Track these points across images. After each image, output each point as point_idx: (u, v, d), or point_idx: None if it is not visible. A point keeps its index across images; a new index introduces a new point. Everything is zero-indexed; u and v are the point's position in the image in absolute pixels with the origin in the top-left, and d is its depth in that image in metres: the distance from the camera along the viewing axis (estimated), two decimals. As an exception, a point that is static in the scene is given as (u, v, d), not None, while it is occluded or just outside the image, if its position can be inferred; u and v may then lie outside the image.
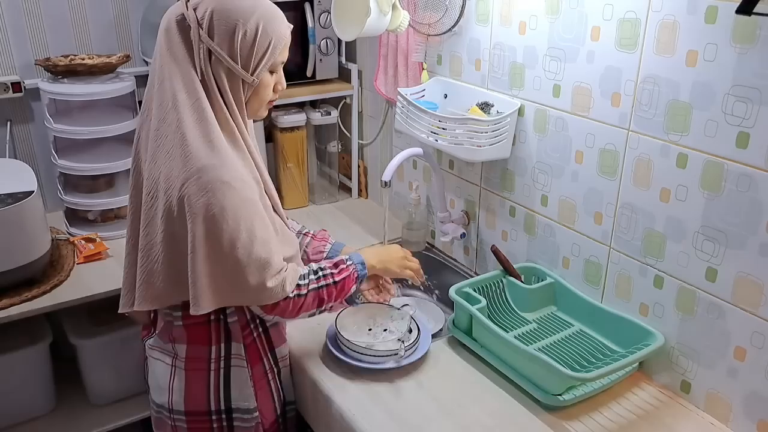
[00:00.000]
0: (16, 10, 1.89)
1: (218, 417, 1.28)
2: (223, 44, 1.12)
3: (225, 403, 1.27)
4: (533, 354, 1.24)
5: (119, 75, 1.91)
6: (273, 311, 1.21)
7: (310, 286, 1.24)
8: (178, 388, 1.27)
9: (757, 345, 1.14)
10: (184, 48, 1.14)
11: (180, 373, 1.26)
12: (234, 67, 1.14)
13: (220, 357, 1.26)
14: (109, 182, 1.95)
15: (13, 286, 1.60)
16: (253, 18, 1.13)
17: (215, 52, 1.13)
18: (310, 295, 1.23)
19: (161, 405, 1.30)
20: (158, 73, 1.15)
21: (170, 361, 1.27)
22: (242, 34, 1.12)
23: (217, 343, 1.25)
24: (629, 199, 1.30)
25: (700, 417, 1.24)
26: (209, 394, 1.26)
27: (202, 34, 1.12)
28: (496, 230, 1.67)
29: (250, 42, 1.13)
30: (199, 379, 1.26)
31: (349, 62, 2.11)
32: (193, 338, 1.25)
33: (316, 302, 1.25)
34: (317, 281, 1.25)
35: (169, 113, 1.13)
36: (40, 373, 1.80)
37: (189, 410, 1.27)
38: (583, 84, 1.34)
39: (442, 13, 1.61)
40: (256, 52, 1.14)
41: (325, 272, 1.27)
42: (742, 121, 1.08)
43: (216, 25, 1.12)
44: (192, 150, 1.10)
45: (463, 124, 1.49)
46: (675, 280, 1.25)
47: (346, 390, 1.30)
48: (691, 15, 1.12)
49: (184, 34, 1.14)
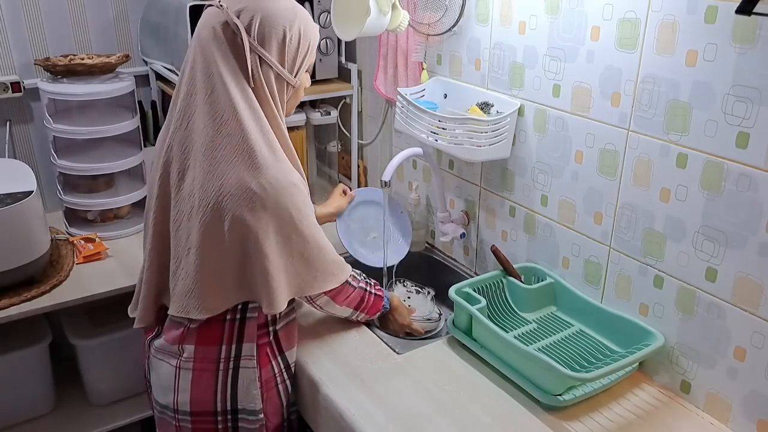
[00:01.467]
0: (16, 10, 1.89)
1: (224, 417, 1.28)
2: (272, 50, 1.16)
3: (231, 404, 1.27)
4: (533, 354, 1.24)
5: (119, 75, 1.91)
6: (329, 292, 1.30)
7: (360, 283, 1.39)
8: (184, 388, 1.26)
9: (757, 345, 1.14)
10: (233, 56, 1.15)
11: (186, 374, 1.26)
12: (282, 72, 1.18)
13: (230, 357, 1.26)
14: (108, 182, 1.95)
15: (12, 286, 1.60)
16: (297, 22, 1.17)
17: (266, 59, 1.15)
18: (358, 290, 1.38)
19: (165, 405, 1.29)
20: (200, 80, 1.15)
21: (175, 362, 1.27)
22: (289, 39, 1.16)
23: (228, 343, 1.25)
24: (629, 199, 1.30)
25: (700, 417, 1.24)
26: (216, 394, 1.26)
27: (253, 42, 1.14)
28: (496, 230, 1.67)
29: (295, 46, 1.17)
30: (206, 379, 1.26)
31: (348, 62, 2.11)
32: (204, 339, 1.24)
33: (357, 301, 1.39)
34: (366, 284, 1.41)
35: (227, 124, 1.14)
36: (39, 373, 1.80)
37: (194, 410, 1.27)
38: (583, 84, 1.34)
39: (441, 12, 1.61)
40: (299, 54, 1.19)
41: (370, 282, 1.43)
42: (742, 121, 1.08)
43: (266, 32, 1.14)
44: (260, 159, 1.14)
45: (463, 124, 1.49)
46: (675, 280, 1.25)
47: (346, 390, 1.30)
48: (690, 15, 1.12)
49: (231, 42, 1.15)
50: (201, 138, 1.15)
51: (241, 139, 1.13)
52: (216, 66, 1.14)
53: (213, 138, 1.14)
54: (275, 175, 1.14)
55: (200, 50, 1.16)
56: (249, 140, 1.13)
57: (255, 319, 1.25)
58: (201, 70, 1.15)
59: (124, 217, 1.99)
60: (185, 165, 1.18)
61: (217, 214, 1.14)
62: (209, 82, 1.14)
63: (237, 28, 1.13)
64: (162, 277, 1.27)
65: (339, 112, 2.15)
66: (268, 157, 1.14)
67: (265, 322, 1.28)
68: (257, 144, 1.14)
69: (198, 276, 1.18)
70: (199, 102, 1.16)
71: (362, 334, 1.48)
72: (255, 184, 1.13)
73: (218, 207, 1.14)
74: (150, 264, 1.27)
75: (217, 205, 1.14)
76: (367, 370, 1.35)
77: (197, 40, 1.17)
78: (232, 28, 1.13)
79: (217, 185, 1.14)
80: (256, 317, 1.25)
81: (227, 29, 1.14)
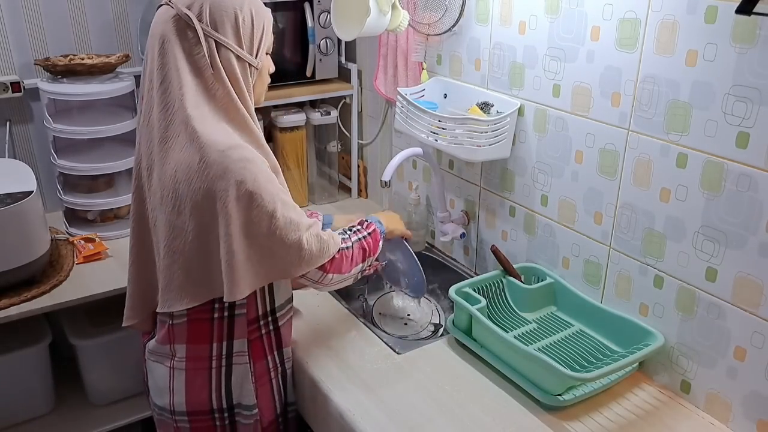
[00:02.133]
0: (16, 10, 1.89)
1: (221, 415, 1.28)
2: (228, 33, 1.15)
3: (227, 401, 1.27)
4: (533, 354, 1.24)
5: (118, 75, 1.91)
6: (331, 268, 1.27)
7: (352, 238, 1.35)
8: (178, 389, 1.26)
9: (757, 345, 1.14)
10: (185, 47, 1.14)
11: (180, 374, 1.26)
12: (241, 53, 1.17)
13: (222, 355, 1.26)
14: (108, 182, 1.95)
15: (12, 286, 1.60)
16: (246, 4, 1.17)
17: (223, 42, 1.15)
18: (355, 246, 1.34)
19: (162, 407, 1.30)
20: (156, 75, 1.15)
21: (169, 363, 1.27)
22: (242, 20, 1.15)
23: (219, 341, 1.25)
24: (629, 199, 1.30)
25: (699, 417, 1.24)
26: (211, 392, 1.26)
27: (206, 28, 1.13)
28: (496, 230, 1.67)
29: (249, 26, 1.17)
30: (199, 378, 1.26)
31: (348, 62, 2.11)
32: (194, 337, 1.24)
33: (361, 252, 1.35)
34: (355, 234, 1.37)
35: (176, 114, 1.13)
36: (39, 373, 1.80)
37: (191, 410, 1.27)
38: (582, 84, 1.34)
39: (441, 12, 1.61)
40: (255, 34, 1.18)
41: (355, 228, 1.39)
42: (741, 121, 1.08)
43: (217, 17, 1.14)
44: (207, 141, 1.11)
45: (463, 124, 1.49)
46: (675, 280, 1.25)
47: (346, 390, 1.30)
48: (690, 15, 1.12)
49: (182, 34, 1.14)
50: (157, 131, 1.16)
51: (186, 126, 1.12)
52: (171, 58, 1.14)
53: (166, 128, 1.14)
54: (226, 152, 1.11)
55: (156, 48, 1.16)
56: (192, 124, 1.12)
57: (244, 315, 1.25)
58: (157, 66, 1.15)
59: (124, 217, 1.98)
60: (151, 160, 1.18)
61: (177, 204, 1.14)
62: (163, 75, 1.15)
63: (188, 18, 1.13)
64: (145, 275, 1.28)
65: (339, 112, 2.15)
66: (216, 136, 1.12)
67: (255, 317, 1.28)
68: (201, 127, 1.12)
69: (171, 270, 1.19)
70: (155, 96, 1.16)
71: (362, 334, 1.48)
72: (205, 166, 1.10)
73: (176, 196, 1.14)
74: (132, 262, 1.28)
75: (174, 194, 1.14)
76: (367, 370, 1.35)
77: (151, 39, 1.17)
78: (184, 19, 1.13)
79: (171, 174, 1.14)
80: (244, 313, 1.25)
81: (179, 21, 1.14)
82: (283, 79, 2.01)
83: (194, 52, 1.14)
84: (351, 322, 1.53)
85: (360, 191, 2.25)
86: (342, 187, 2.28)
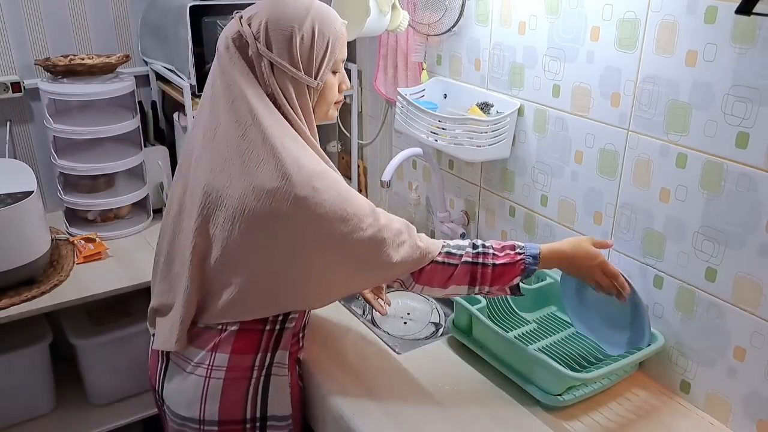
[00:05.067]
0: (16, 10, 1.89)
1: (252, 425, 1.23)
2: (282, 54, 1.11)
3: (261, 411, 1.23)
4: (533, 354, 1.24)
5: (119, 75, 1.91)
6: (420, 278, 1.18)
7: (464, 258, 1.19)
8: (213, 397, 1.20)
9: (756, 345, 1.14)
10: (246, 65, 1.12)
11: (216, 383, 1.20)
12: (297, 75, 1.13)
13: (264, 365, 1.22)
14: (108, 182, 1.95)
15: (12, 286, 1.60)
16: (308, 21, 1.12)
17: (276, 63, 1.12)
18: (461, 267, 1.18)
19: (188, 418, 1.23)
20: (224, 93, 1.13)
21: (204, 372, 1.20)
22: (299, 39, 1.11)
23: (264, 351, 1.21)
24: (629, 199, 1.31)
25: (699, 417, 1.24)
26: (246, 402, 1.21)
27: (261, 47, 1.11)
28: (496, 230, 1.67)
29: (308, 46, 1.12)
30: (237, 388, 1.21)
31: (348, 62, 2.11)
32: (240, 347, 1.19)
33: (468, 278, 1.19)
34: (474, 257, 1.19)
35: (249, 129, 1.10)
36: (39, 373, 1.80)
37: (222, 419, 1.21)
38: (582, 84, 1.34)
39: (441, 13, 1.61)
40: (316, 54, 1.14)
41: (486, 251, 1.20)
42: (741, 121, 1.08)
43: (272, 36, 1.11)
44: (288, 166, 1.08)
45: (463, 124, 1.49)
46: (675, 280, 1.25)
47: (346, 390, 1.30)
48: (690, 15, 1.12)
49: (243, 51, 1.12)
50: (227, 147, 1.12)
51: (262, 142, 1.09)
52: (233, 77, 1.12)
53: (238, 144, 1.11)
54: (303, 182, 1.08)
55: (218, 64, 1.15)
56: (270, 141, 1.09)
57: (293, 328, 1.23)
58: (221, 83, 1.14)
59: (124, 217, 1.99)
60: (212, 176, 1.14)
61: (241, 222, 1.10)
62: (229, 92, 1.13)
63: (246, 35, 1.11)
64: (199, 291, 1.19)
65: (339, 112, 2.15)
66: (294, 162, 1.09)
67: (301, 329, 1.27)
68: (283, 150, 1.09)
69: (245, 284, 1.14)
70: (222, 113, 1.14)
71: (362, 334, 1.48)
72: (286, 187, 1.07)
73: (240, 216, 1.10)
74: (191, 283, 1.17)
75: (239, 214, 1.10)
76: (367, 370, 1.35)
77: (217, 54, 1.16)
78: (244, 36, 1.12)
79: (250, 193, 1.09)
80: (293, 327, 1.23)
81: (241, 39, 1.12)
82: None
83: (253, 71, 1.12)
84: (351, 322, 1.53)
85: (360, 191, 2.25)
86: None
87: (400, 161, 1.61)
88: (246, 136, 1.10)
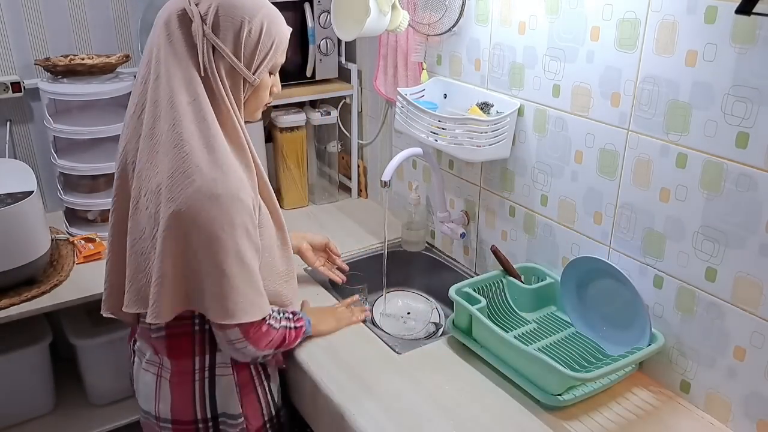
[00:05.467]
0: (16, 10, 1.89)
1: (205, 425, 1.27)
2: (227, 41, 1.11)
3: (211, 411, 1.26)
4: (533, 354, 1.24)
5: (119, 75, 1.91)
6: (248, 334, 1.18)
7: (281, 322, 1.28)
8: (164, 397, 1.25)
9: (756, 345, 1.14)
10: (185, 44, 1.11)
11: (165, 384, 1.25)
12: (237, 65, 1.12)
13: (205, 367, 1.24)
14: (108, 182, 1.95)
15: (13, 286, 1.61)
16: (258, 16, 1.12)
17: (219, 49, 1.11)
18: (280, 331, 1.27)
19: (148, 412, 1.29)
20: (153, 69, 1.12)
21: (156, 371, 1.26)
22: (247, 31, 1.11)
23: (201, 354, 1.23)
24: (629, 199, 1.31)
25: (699, 417, 1.24)
26: (195, 404, 1.25)
27: (206, 29, 1.09)
28: (496, 230, 1.67)
29: (254, 40, 1.12)
30: (184, 391, 1.25)
31: (348, 62, 2.11)
32: (176, 352, 1.22)
33: (280, 340, 1.27)
34: (286, 321, 1.30)
35: (164, 111, 1.10)
36: (39, 373, 1.80)
37: (175, 419, 1.26)
38: (582, 84, 1.34)
39: (441, 13, 1.61)
40: (260, 50, 1.14)
41: (288, 316, 1.31)
42: (741, 121, 1.08)
43: (221, 21, 1.10)
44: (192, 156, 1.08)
45: (463, 124, 1.49)
46: (675, 280, 1.25)
47: (346, 390, 1.30)
48: (690, 15, 1.12)
49: (185, 30, 1.11)
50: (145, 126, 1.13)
51: (171, 127, 1.09)
52: (165, 52, 1.11)
53: (152, 125, 1.11)
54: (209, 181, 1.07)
55: (155, 37, 1.13)
56: (179, 129, 1.09)
57: None
58: (153, 56, 1.13)
59: (124, 217, 1.99)
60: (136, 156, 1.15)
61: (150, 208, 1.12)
62: (156, 68, 1.12)
63: (192, 14, 1.10)
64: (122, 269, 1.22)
65: (339, 112, 2.15)
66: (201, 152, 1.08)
67: None
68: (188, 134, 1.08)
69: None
70: (148, 88, 1.13)
71: (362, 334, 1.48)
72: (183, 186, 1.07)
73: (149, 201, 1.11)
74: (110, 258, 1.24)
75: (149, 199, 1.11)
76: (367, 370, 1.36)
77: (155, 26, 1.14)
78: (189, 15, 1.10)
79: (150, 177, 1.11)
80: None
81: (185, 16, 1.11)
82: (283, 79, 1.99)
83: (190, 51, 1.11)
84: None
85: (360, 191, 2.25)
86: (342, 188, 2.29)
87: (400, 161, 1.61)
88: (159, 119, 1.10)
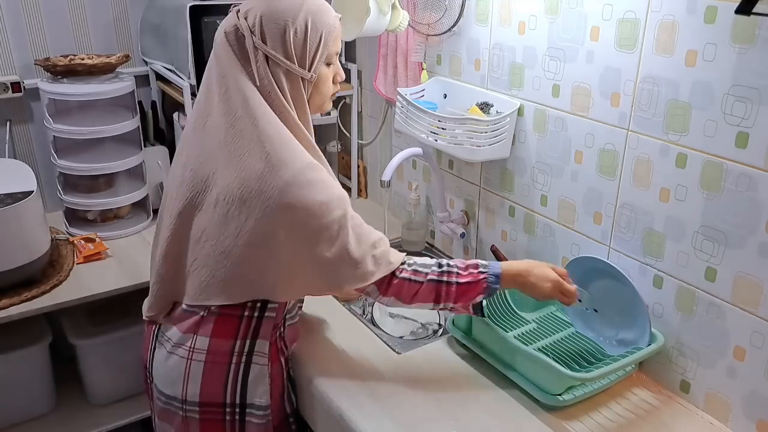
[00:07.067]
0: (16, 10, 1.89)
1: (232, 410, 1.27)
2: (277, 47, 1.15)
3: (240, 398, 1.27)
4: (533, 354, 1.24)
5: (119, 75, 1.91)
6: (388, 292, 1.23)
7: (429, 276, 1.23)
8: (194, 378, 1.25)
9: (756, 345, 1.14)
10: (241, 57, 1.16)
11: (197, 365, 1.25)
12: (291, 67, 1.16)
13: (243, 352, 1.25)
14: (108, 182, 1.95)
15: (12, 286, 1.60)
16: (301, 14, 1.15)
17: (271, 56, 1.15)
18: (426, 285, 1.23)
19: (172, 396, 1.28)
20: (217, 83, 1.18)
21: (186, 354, 1.25)
22: (293, 32, 1.15)
23: (243, 338, 1.25)
24: (629, 199, 1.31)
25: (699, 417, 1.24)
26: (226, 386, 1.26)
27: (256, 40, 1.14)
28: (496, 230, 1.67)
29: (301, 39, 1.16)
30: (217, 372, 1.25)
31: (348, 62, 2.11)
32: (219, 332, 1.24)
33: (432, 296, 1.23)
34: (439, 275, 1.23)
35: (239, 120, 1.15)
36: (39, 373, 1.80)
37: (203, 401, 1.26)
38: (582, 84, 1.34)
39: (441, 13, 1.61)
40: (309, 47, 1.17)
41: (450, 269, 1.24)
42: (741, 121, 1.08)
43: (266, 29, 1.14)
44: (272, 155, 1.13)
45: (463, 124, 1.49)
46: (674, 280, 1.25)
47: (346, 390, 1.30)
48: (690, 15, 1.12)
49: (239, 44, 1.16)
50: (216, 135, 1.17)
51: (254, 134, 1.14)
52: (227, 68, 1.17)
53: (227, 133, 1.16)
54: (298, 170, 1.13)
55: (214, 56, 1.19)
56: (261, 136, 1.14)
57: (273, 318, 1.25)
58: (216, 74, 1.18)
59: (124, 217, 1.99)
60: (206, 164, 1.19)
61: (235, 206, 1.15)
62: (222, 83, 1.17)
63: (242, 29, 1.15)
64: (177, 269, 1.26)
65: (339, 112, 2.15)
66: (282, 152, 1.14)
67: (281, 320, 1.29)
68: (270, 140, 1.14)
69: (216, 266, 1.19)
70: (215, 102, 1.18)
71: (362, 334, 1.48)
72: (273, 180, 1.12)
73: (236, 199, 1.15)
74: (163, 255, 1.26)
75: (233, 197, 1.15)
76: (367, 370, 1.36)
77: (213, 46, 1.20)
78: (240, 29, 1.15)
79: (234, 179, 1.14)
80: (273, 317, 1.25)
81: (237, 32, 1.16)
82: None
83: (248, 64, 1.16)
84: (351, 322, 1.53)
85: (360, 191, 2.25)
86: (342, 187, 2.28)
87: (400, 161, 1.61)
88: (235, 126, 1.15)
